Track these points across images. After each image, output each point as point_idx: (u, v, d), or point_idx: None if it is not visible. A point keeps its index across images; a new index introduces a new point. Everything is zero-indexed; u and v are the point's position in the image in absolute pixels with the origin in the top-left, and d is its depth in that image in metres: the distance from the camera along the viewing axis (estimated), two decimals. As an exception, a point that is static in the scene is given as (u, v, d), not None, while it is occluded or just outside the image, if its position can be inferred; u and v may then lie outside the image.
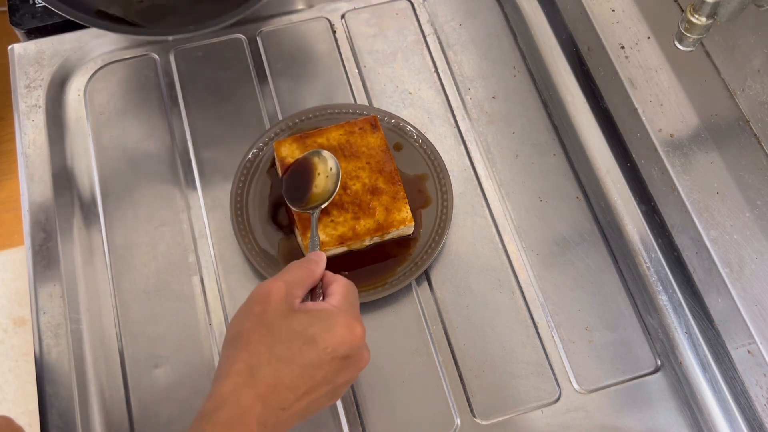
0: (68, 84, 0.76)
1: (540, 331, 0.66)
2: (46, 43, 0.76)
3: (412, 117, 0.75)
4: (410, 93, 0.77)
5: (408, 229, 0.66)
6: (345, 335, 0.48)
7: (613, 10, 0.72)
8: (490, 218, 0.70)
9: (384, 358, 0.64)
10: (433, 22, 0.81)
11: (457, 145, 0.74)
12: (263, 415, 0.46)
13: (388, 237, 0.66)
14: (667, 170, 0.64)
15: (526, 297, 0.67)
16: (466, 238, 0.69)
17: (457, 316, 0.66)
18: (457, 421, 0.62)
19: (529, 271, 0.68)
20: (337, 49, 0.79)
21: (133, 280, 0.67)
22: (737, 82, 0.65)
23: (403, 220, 0.65)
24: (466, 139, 0.74)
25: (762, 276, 0.59)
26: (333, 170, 0.63)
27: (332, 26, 0.80)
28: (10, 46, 0.76)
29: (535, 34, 0.79)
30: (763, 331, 0.58)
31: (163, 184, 0.71)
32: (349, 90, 0.77)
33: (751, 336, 0.58)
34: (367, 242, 0.66)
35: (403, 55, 0.79)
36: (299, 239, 0.65)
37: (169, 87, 0.76)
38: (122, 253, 0.68)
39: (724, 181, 0.63)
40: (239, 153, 0.71)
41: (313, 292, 0.53)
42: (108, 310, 0.66)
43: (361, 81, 0.77)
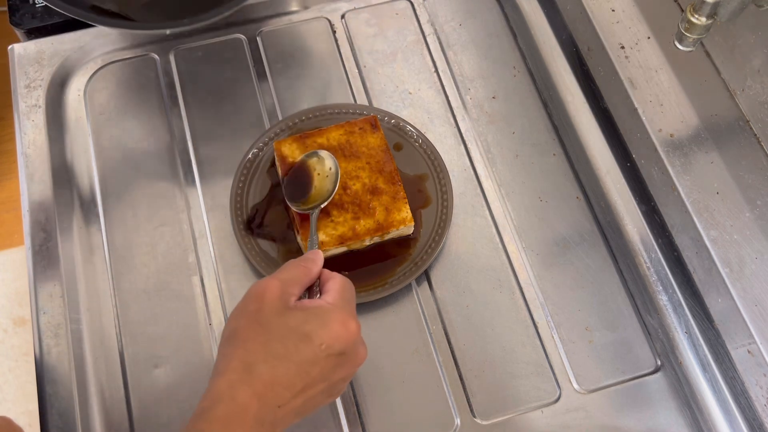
0: (68, 84, 0.76)
1: (540, 331, 0.66)
2: (46, 43, 0.76)
3: (412, 117, 0.75)
4: (410, 93, 0.77)
5: (408, 229, 0.66)
6: (340, 331, 0.49)
7: (613, 10, 0.72)
8: (490, 218, 0.70)
9: (384, 358, 0.64)
10: (433, 22, 0.81)
11: (457, 145, 0.74)
12: (260, 412, 0.46)
13: (388, 237, 0.66)
14: (667, 170, 0.64)
15: (526, 297, 0.67)
16: (466, 238, 0.69)
17: (457, 316, 0.66)
18: (457, 421, 0.62)
19: (529, 271, 0.68)
20: (337, 49, 0.79)
21: (133, 280, 0.67)
22: (737, 82, 0.65)
23: (403, 220, 0.65)
24: (466, 139, 0.74)
25: (762, 276, 0.59)
26: (332, 170, 0.63)
27: (332, 26, 0.80)
28: (10, 46, 0.76)
29: (535, 34, 0.79)
30: (763, 331, 0.58)
31: (163, 183, 0.71)
32: (349, 90, 0.77)
33: (751, 336, 0.58)
34: (367, 242, 0.66)
35: (403, 55, 0.79)
36: (299, 239, 0.65)
37: (169, 87, 0.76)
38: (122, 253, 0.68)
39: (724, 181, 0.63)
40: (239, 153, 0.71)
41: (311, 290, 0.53)
42: (108, 310, 0.66)
43: (361, 81, 0.77)
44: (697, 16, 0.52)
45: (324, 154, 0.64)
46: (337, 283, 0.53)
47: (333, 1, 0.81)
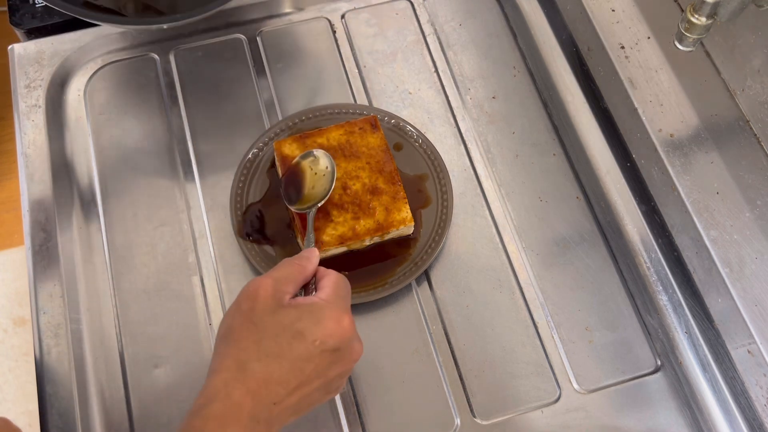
0: (68, 84, 0.76)
1: (540, 331, 0.66)
2: (46, 43, 0.76)
3: (412, 117, 0.75)
4: (410, 93, 0.77)
5: (408, 229, 0.66)
6: (333, 328, 0.49)
7: (613, 10, 0.72)
8: (490, 218, 0.70)
9: (384, 358, 0.64)
10: (433, 22, 0.81)
11: (457, 145, 0.74)
12: (254, 409, 0.46)
13: (388, 237, 0.66)
14: (667, 170, 0.64)
15: (526, 297, 0.67)
16: (466, 238, 0.69)
17: (457, 316, 0.66)
18: (457, 421, 0.62)
19: (529, 271, 0.68)
20: (337, 49, 0.79)
21: (133, 280, 0.67)
22: (737, 82, 0.65)
23: (403, 220, 0.65)
24: (466, 139, 0.74)
25: (762, 276, 0.59)
26: (328, 169, 0.63)
27: (332, 26, 0.80)
28: (10, 46, 0.76)
29: (535, 34, 0.79)
30: (763, 331, 0.58)
31: (163, 183, 0.71)
32: (349, 90, 0.77)
33: (751, 336, 0.58)
34: (367, 242, 0.66)
35: (403, 55, 0.79)
36: (298, 239, 0.65)
37: (169, 87, 0.76)
38: (122, 253, 0.68)
39: (724, 181, 0.63)
40: (239, 153, 0.71)
41: (307, 288, 0.53)
42: (108, 310, 0.66)
43: (361, 81, 0.77)
44: (697, 16, 0.52)
45: (319, 153, 0.64)
46: (331, 280, 0.53)
47: (333, 1, 0.81)
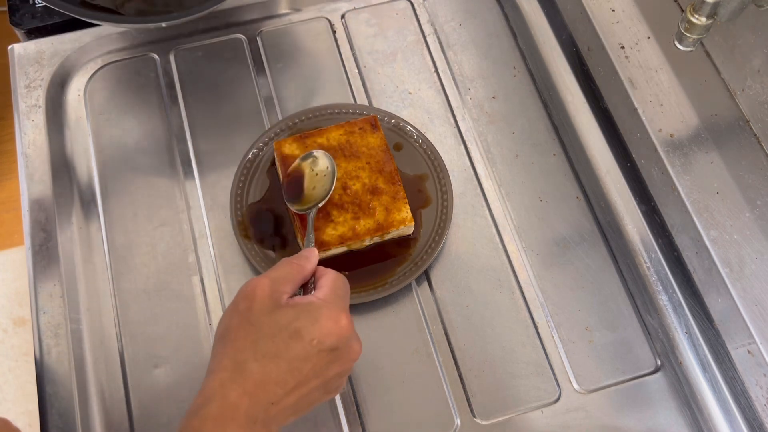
0: (68, 84, 0.76)
1: (540, 331, 0.66)
2: (46, 43, 0.76)
3: (412, 117, 0.75)
4: (410, 93, 0.77)
5: (408, 229, 0.66)
6: (331, 327, 0.49)
7: (613, 10, 0.72)
8: (490, 218, 0.70)
9: (384, 358, 0.64)
10: (433, 22, 0.81)
11: (457, 145, 0.74)
12: (251, 410, 0.46)
13: (388, 237, 0.66)
14: (667, 170, 0.64)
15: (526, 297, 0.67)
16: (466, 238, 0.69)
17: (457, 316, 0.66)
18: (457, 421, 0.62)
19: (529, 271, 0.68)
20: (337, 49, 0.79)
21: (133, 280, 0.67)
22: (737, 82, 0.65)
23: (403, 220, 0.65)
24: (466, 139, 0.74)
25: (762, 276, 0.59)
26: (329, 169, 0.63)
27: (332, 26, 0.80)
28: (10, 46, 0.76)
29: (535, 34, 0.79)
30: (763, 331, 0.58)
31: (163, 183, 0.71)
32: (349, 90, 0.77)
33: (751, 336, 0.58)
34: (367, 242, 0.66)
35: (403, 55, 0.79)
36: (298, 239, 0.65)
37: (169, 87, 0.76)
38: (122, 253, 0.68)
39: (724, 181, 0.63)
40: (239, 153, 0.71)
41: (305, 288, 0.53)
42: (108, 310, 0.66)
43: (361, 81, 0.77)
44: (697, 16, 0.52)
45: (319, 153, 0.64)
46: (329, 280, 0.52)
47: (333, 1, 0.81)
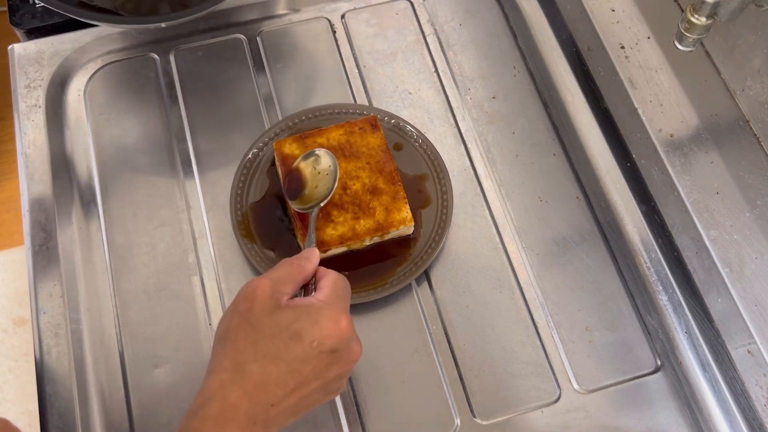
0: (68, 84, 0.76)
1: (540, 331, 0.66)
2: (46, 43, 0.76)
3: (412, 117, 0.75)
4: (410, 93, 0.77)
5: (408, 229, 0.66)
6: (331, 328, 0.48)
7: (613, 10, 0.72)
8: (490, 218, 0.70)
9: (384, 358, 0.64)
10: (433, 22, 0.81)
11: (457, 145, 0.74)
12: (251, 410, 0.46)
13: (388, 237, 0.66)
14: (667, 170, 0.64)
15: (526, 297, 0.67)
16: (466, 238, 0.69)
17: (457, 316, 0.66)
18: (457, 421, 0.62)
19: (529, 271, 0.68)
20: (337, 49, 0.79)
21: (133, 280, 0.67)
22: (737, 82, 0.65)
23: (403, 220, 0.65)
24: (466, 139, 0.74)
25: (762, 276, 0.59)
26: (331, 168, 0.63)
27: (332, 26, 0.80)
28: (10, 46, 0.76)
29: (535, 34, 0.79)
30: (763, 331, 0.58)
31: (163, 183, 0.71)
32: (349, 90, 0.77)
33: (751, 336, 0.58)
34: (367, 242, 0.66)
35: (403, 55, 0.79)
36: (299, 238, 0.65)
37: (169, 87, 0.76)
38: (122, 253, 0.68)
39: (724, 181, 0.63)
40: (239, 153, 0.71)
41: (306, 288, 0.53)
42: (108, 310, 0.66)
43: (361, 81, 0.77)
44: (697, 16, 0.52)
45: (321, 152, 0.64)
46: (330, 281, 0.52)
47: (333, 1, 0.81)
